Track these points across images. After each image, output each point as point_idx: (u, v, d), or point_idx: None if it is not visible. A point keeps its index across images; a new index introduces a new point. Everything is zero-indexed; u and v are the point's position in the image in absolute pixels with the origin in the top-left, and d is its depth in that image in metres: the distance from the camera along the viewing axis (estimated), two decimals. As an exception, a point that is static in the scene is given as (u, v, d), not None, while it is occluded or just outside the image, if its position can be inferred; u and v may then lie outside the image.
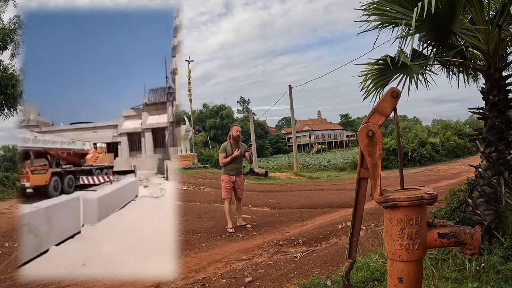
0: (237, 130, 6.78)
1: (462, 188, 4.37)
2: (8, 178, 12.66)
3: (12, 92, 13.34)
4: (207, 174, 18.78)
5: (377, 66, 4.35)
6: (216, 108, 66.20)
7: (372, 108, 2.03)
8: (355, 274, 3.53)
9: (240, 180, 6.81)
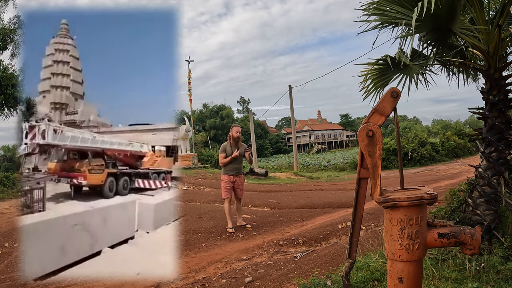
0: (237, 131, 6.78)
1: (462, 188, 4.37)
2: (8, 178, 12.65)
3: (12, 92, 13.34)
4: (207, 174, 18.78)
5: (377, 66, 4.35)
6: (216, 108, 66.19)
7: (372, 108, 2.03)
8: (355, 274, 3.53)
9: (240, 180, 6.81)
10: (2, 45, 13.67)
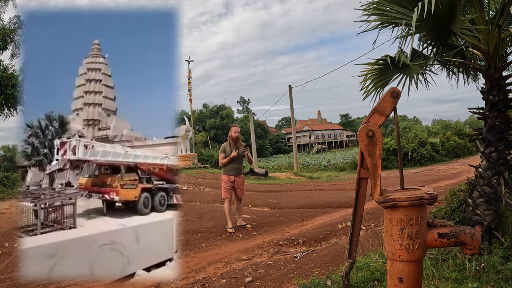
0: (235, 131, 6.80)
1: (462, 188, 4.37)
2: (8, 178, 12.65)
3: (12, 92, 13.34)
4: (207, 174, 18.78)
5: (377, 66, 4.35)
6: (216, 108, 66.19)
7: (372, 108, 2.03)
8: (355, 274, 3.53)
9: (240, 180, 6.82)
10: (2, 45, 13.67)
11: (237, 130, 6.83)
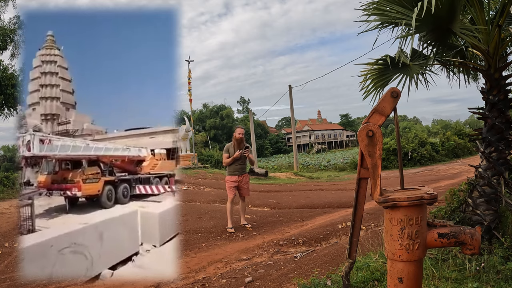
0: (240, 132, 6.87)
1: (462, 188, 4.37)
2: (8, 178, 12.66)
3: (12, 92, 13.35)
4: (207, 174, 18.78)
5: (377, 66, 4.35)
6: (216, 108, 66.17)
7: (372, 108, 2.03)
8: (355, 274, 3.53)
9: (245, 179, 6.87)
10: (2, 45, 13.68)
11: (241, 132, 6.90)
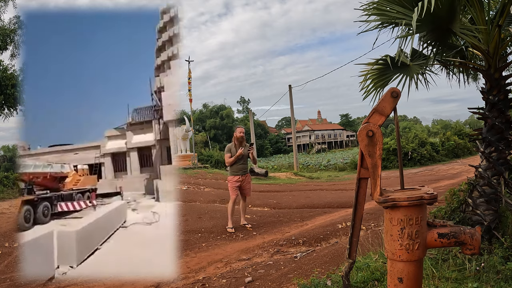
0: (240, 131, 6.90)
1: (462, 188, 4.37)
2: (8, 178, 12.69)
3: (12, 92, 13.36)
4: (207, 174, 18.78)
5: (377, 66, 4.35)
6: (216, 108, 66.18)
7: (372, 108, 2.03)
8: (355, 274, 3.53)
9: (247, 179, 6.89)
10: (2, 45, 13.69)
11: (241, 131, 6.93)
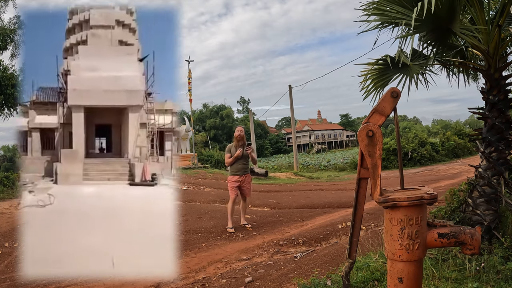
0: (239, 131, 6.88)
1: (462, 188, 4.37)
2: (8, 178, 12.67)
3: (12, 92, 13.35)
4: (207, 174, 18.79)
5: (377, 66, 4.35)
6: (216, 108, 66.19)
7: (372, 108, 2.03)
8: (355, 274, 3.53)
9: (247, 179, 6.87)
10: (2, 45, 13.68)
11: (240, 130, 6.90)
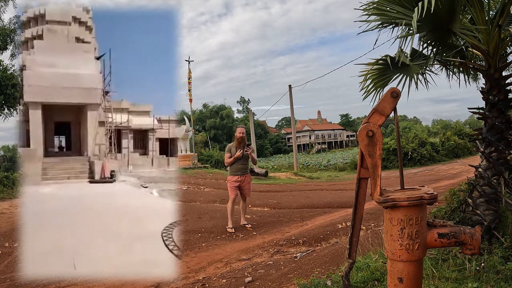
0: (240, 132, 6.86)
1: (462, 188, 4.37)
2: (8, 178, 12.67)
3: (12, 92, 13.35)
4: (207, 174, 18.78)
5: (377, 66, 4.35)
6: (216, 108, 66.18)
7: (372, 108, 2.03)
8: (355, 274, 3.53)
9: (246, 179, 6.86)
10: (2, 45, 13.67)
11: (241, 131, 6.89)
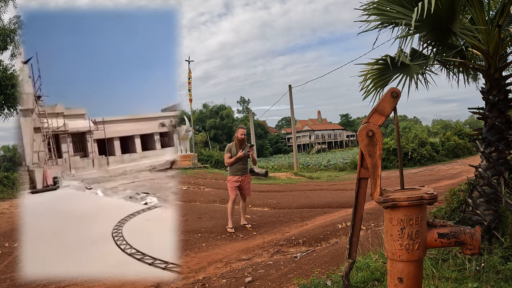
0: (242, 133, 6.86)
1: (462, 188, 4.37)
2: (8, 178, 12.67)
3: (12, 92, 13.35)
4: (207, 174, 18.77)
5: (377, 66, 4.35)
6: (216, 108, 66.19)
7: (372, 108, 2.03)
8: (355, 274, 3.53)
9: (246, 179, 6.87)
10: (2, 45, 13.67)
11: (243, 132, 6.90)
